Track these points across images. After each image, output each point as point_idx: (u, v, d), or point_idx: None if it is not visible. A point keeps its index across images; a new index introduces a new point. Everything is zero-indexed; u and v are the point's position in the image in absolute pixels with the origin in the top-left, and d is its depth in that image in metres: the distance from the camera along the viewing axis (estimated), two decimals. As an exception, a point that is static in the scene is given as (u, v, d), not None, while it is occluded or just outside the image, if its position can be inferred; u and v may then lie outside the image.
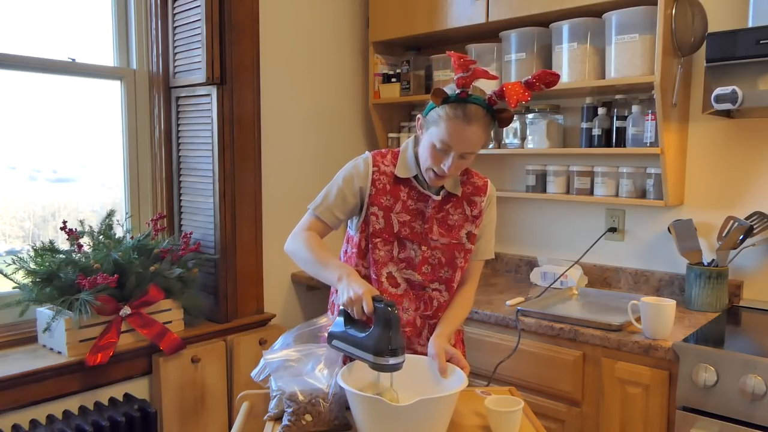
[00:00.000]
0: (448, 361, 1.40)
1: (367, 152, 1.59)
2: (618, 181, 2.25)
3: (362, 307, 1.27)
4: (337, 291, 1.64)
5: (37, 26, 2.12)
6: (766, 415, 1.53)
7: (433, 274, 1.56)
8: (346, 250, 1.63)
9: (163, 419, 2.10)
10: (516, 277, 2.66)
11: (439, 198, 1.55)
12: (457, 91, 1.40)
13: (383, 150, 1.61)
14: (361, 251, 1.56)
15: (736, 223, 1.99)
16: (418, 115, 1.53)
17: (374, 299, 1.27)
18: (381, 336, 1.24)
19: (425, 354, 1.46)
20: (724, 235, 2.02)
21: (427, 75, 2.80)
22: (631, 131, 2.15)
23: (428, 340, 1.52)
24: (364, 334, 1.27)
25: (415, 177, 1.55)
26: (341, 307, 1.33)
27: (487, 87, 1.50)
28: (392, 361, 1.23)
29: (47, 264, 1.93)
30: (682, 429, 1.66)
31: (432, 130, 1.44)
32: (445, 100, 1.41)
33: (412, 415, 1.17)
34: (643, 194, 2.22)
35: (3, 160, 2.12)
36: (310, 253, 1.46)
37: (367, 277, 1.54)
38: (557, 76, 1.40)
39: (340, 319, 1.34)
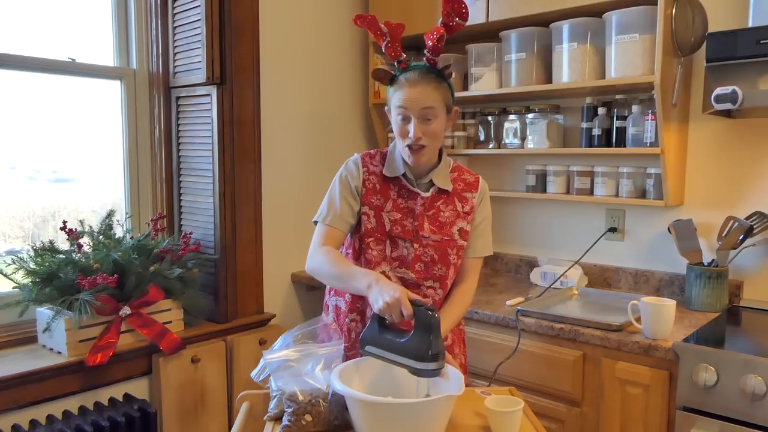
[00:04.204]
0: None
1: (355, 154, 1.61)
2: (618, 181, 2.25)
3: (400, 311, 1.24)
4: (337, 294, 1.66)
5: (37, 26, 2.12)
6: (766, 415, 1.53)
7: (427, 272, 1.56)
8: (340, 252, 1.63)
9: (162, 419, 2.10)
10: (516, 277, 2.66)
11: (428, 195, 1.56)
12: (395, 64, 1.50)
13: (371, 151, 1.63)
14: (355, 252, 1.57)
15: (736, 223, 1.99)
16: (386, 108, 1.59)
17: (413, 302, 1.24)
18: (421, 341, 1.21)
19: None
20: (724, 235, 2.02)
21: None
22: (631, 131, 2.15)
23: None
24: (402, 339, 1.24)
25: (404, 175, 1.56)
26: (374, 313, 1.30)
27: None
28: (433, 366, 1.20)
29: (47, 264, 1.93)
30: (682, 429, 1.66)
31: (391, 107, 1.52)
32: (392, 80, 1.51)
33: (410, 415, 1.17)
34: (643, 194, 2.22)
35: (3, 160, 2.12)
36: (332, 267, 1.45)
37: None
38: (463, 4, 1.45)
39: (374, 325, 1.30)
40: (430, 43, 1.47)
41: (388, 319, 1.29)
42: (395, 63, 1.50)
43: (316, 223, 1.58)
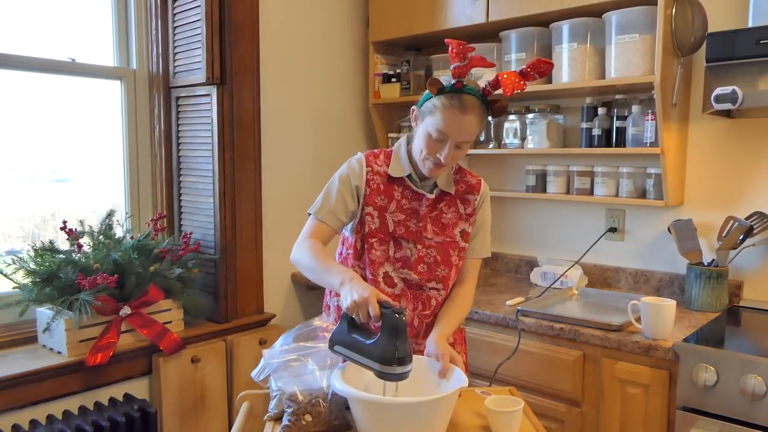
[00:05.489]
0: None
1: (359, 153, 1.60)
2: (618, 181, 2.25)
3: (368, 311, 1.23)
4: (336, 295, 1.65)
5: (37, 26, 2.12)
6: (766, 415, 1.53)
7: (430, 273, 1.56)
8: (341, 252, 1.64)
9: (163, 419, 2.10)
10: (516, 277, 2.66)
11: (432, 197, 1.55)
12: (453, 81, 1.43)
13: (375, 150, 1.62)
14: (356, 252, 1.56)
15: (736, 223, 1.99)
16: (413, 107, 1.55)
17: (382, 304, 1.23)
18: (388, 344, 1.19)
19: (422, 353, 1.45)
20: (724, 235, 2.02)
21: (427, 75, 2.80)
22: (631, 131, 2.15)
23: (425, 339, 1.52)
24: (369, 341, 1.22)
25: (409, 176, 1.56)
26: (343, 312, 1.29)
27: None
28: (399, 370, 1.19)
29: (47, 264, 1.93)
30: (682, 429, 1.66)
31: (428, 120, 1.47)
32: (441, 90, 1.44)
33: (413, 414, 1.17)
34: (643, 194, 2.22)
35: (3, 160, 2.12)
36: (312, 260, 1.44)
37: (363, 278, 1.53)
38: (551, 65, 1.42)
39: (344, 324, 1.29)
40: (510, 87, 1.40)
41: (357, 319, 1.27)
42: (453, 79, 1.43)
43: (310, 214, 1.57)
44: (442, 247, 1.56)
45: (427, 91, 1.47)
